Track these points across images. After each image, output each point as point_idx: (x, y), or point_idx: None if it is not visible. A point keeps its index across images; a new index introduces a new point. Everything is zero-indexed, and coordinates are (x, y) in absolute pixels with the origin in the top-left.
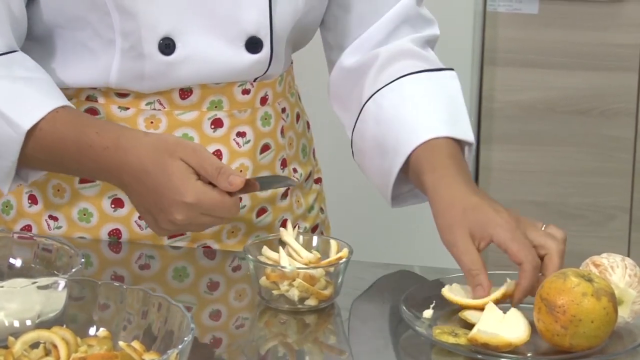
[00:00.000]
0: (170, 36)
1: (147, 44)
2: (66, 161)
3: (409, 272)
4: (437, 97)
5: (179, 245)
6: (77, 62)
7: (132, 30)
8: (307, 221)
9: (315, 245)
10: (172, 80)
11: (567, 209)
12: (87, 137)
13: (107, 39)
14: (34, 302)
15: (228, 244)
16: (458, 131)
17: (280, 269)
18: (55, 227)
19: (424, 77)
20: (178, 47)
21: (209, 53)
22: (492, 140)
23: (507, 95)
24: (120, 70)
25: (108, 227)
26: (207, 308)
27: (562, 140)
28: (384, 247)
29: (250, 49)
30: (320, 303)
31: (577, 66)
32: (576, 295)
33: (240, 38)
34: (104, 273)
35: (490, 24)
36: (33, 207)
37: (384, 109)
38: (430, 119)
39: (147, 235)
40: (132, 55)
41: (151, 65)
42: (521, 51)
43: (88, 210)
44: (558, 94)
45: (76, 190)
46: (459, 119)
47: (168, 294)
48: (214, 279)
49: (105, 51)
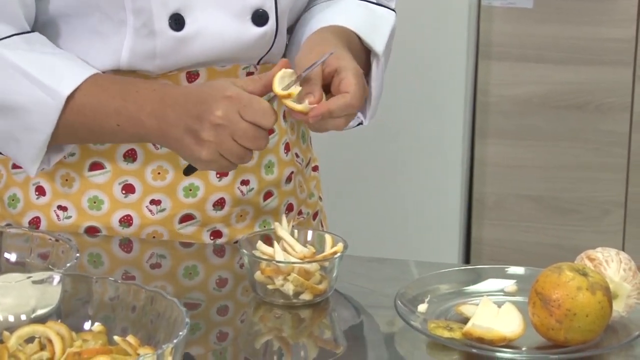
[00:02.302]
0: (179, 12)
1: (158, 21)
2: (105, 118)
3: (403, 267)
4: (362, 10)
5: (189, 230)
6: (86, 48)
7: (143, 8)
8: (309, 207)
9: (310, 239)
10: (183, 57)
11: (562, 204)
12: (134, 84)
13: (118, 20)
14: (28, 296)
15: (237, 227)
16: (365, 34)
17: (275, 263)
18: (64, 217)
19: (361, 3)
20: (187, 23)
21: (217, 27)
22: (487, 135)
23: (502, 90)
24: (132, 50)
25: (119, 213)
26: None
27: (557, 135)
28: (379, 242)
29: (257, 21)
30: (315, 297)
31: (572, 60)
32: (571, 289)
33: (246, 11)
34: (114, 273)
35: (485, 18)
36: (41, 198)
37: (311, 12)
38: (344, 15)
39: (158, 220)
40: (144, 33)
41: (162, 42)
42: (516, 45)
43: (98, 197)
44: (553, 88)
45: (86, 178)
46: (373, 30)
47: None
48: (223, 276)
49: (116, 33)
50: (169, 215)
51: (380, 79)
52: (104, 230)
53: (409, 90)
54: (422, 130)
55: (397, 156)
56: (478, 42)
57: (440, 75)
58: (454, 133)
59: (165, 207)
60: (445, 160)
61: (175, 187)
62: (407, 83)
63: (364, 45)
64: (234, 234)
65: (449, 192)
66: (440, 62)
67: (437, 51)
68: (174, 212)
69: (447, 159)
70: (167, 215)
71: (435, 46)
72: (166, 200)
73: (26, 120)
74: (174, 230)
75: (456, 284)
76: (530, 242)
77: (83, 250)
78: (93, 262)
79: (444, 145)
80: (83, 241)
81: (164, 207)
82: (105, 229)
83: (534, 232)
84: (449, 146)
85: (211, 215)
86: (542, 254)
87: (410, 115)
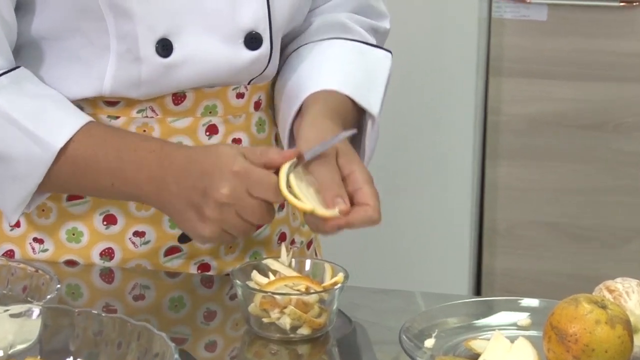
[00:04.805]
0: (167, 37)
1: (144, 47)
2: (99, 175)
3: (409, 298)
4: (356, 62)
5: (175, 263)
6: (67, 74)
7: (128, 33)
8: (303, 235)
9: (308, 269)
10: (170, 83)
11: (579, 230)
12: (131, 142)
13: (101, 45)
14: (6, 331)
15: (226, 260)
16: (359, 95)
17: (270, 295)
18: (40, 250)
19: (354, 46)
20: (175, 49)
21: (207, 52)
22: (498, 156)
23: (514, 108)
24: (116, 77)
25: (100, 246)
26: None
27: (573, 156)
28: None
29: (250, 45)
30: (314, 332)
31: (588, 77)
32: (589, 323)
33: (238, 34)
34: (95, 304)
35: (496, 31)
36: (15, 230)
37: (300, 59)
38: (337, 74)
39: (142, 253)
40: (128, 59)
41: (148, 69)
42: (529, 60)
43: (77, 229)
44: (568, 106)
45: (64, 208)
46: (368, 88)
47: (163, 325)
48: (211, 308)
49: (98, 59)
50: (153, 248)
51: (375, 137)
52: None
53: (414, 109)
54: (428, 151)
55: (401, 179)
56: (488, 57)
57: (448, 93)
58: (463, 154)
59: (150, 239)
60: (454, 183)
61: (160, 218)
62: (411, 101)
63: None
64: (223, 267)
65: (458, 218)
66: (448, 78)
67: (444, 67)
68: (159, 244)
69: (456, 182)
70: (151, 247)
71: (442, 61)
72: (151, 231)
73: (13, 170)
74: (159, 264)
75: (466, 317)
76: (545, 272)
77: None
78: (71, 294)
79: (452, 167)
80: (60, 271)
81: (148, 239)
82: (85, 263)
83: (549, 260)
84: (457, 168)
85: (199, 247)
86: (558, 284)
87: (416, 135)
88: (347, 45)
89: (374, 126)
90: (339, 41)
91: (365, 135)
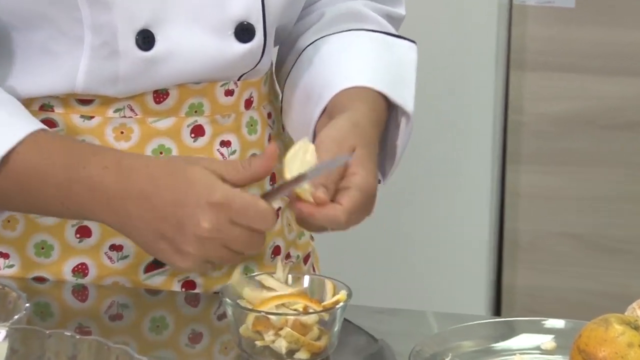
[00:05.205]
0: (148, 27)
1: (123, 39)
2: (47, 193)
3: (419, 319)
4: (384, 55)
5: (156, 280)
6: (34, 68)
7: (105, 24)
8: (299, 249)
9: (306, 286)
10: (151, 80)
11: (609, 242)
12: (80, 158)
13: (74, 37)
14: None
15: (212, 276)
16: (393, 91)
17: (264, 315)
18: (5, 266)
19: (378, 37)
20: (158, 41)
21: (193, 45)
22: (521, 161)
23: (538, 106)
24: (89, 73)
25: (72, 262)
26: None
27: (604, 161)
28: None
29: (241, 37)
30: (313, 356)
31: (621, 71)
32: (620, 346)
33: (228, 25)
34: (67, 325)
35: (518, 19)
36: None
37: (321, 53)
38: (367, 69)
39: (119, 269)
40: (105, 53)
41: (127, 64)
42: (555, 53)
43: (47, 242)
44: (599, 104)
45: (31, 219)
46: (401, 83)
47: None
48: (197, 330)
49: (70, 52)
50: (132, 264)
51: (407, 137)
52: (54, 280)
53: (427, 108)
54: (441, 155)
55: (411, 186)
56: (509, 49)
57: (463, 90)
58: (481, 158)
59: (129, 254)
60: (471, 190)
61: None
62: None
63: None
64: (210, 285)
65: (475, 229)
66: (463, 73)
67: (460, 60)
68: (138, 259)
69: (473, 189)
70: (130, 263)
71: (458, 54)
72: (129, 245)
73: None
74: (139, 281)
75: (483, 339)
76: (572, 289)
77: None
78: (40, 313)
79: (468, 174)
80: (27, 287)
81: (126, 254)
82: (55, 279)
83: (576, 277)
84: (475, 174)
85: None
86: (586, 303)
87: (427, 138)
88: (371, 37)
89: (407, 124)
90: (360, 32)
91: (398, 135)
